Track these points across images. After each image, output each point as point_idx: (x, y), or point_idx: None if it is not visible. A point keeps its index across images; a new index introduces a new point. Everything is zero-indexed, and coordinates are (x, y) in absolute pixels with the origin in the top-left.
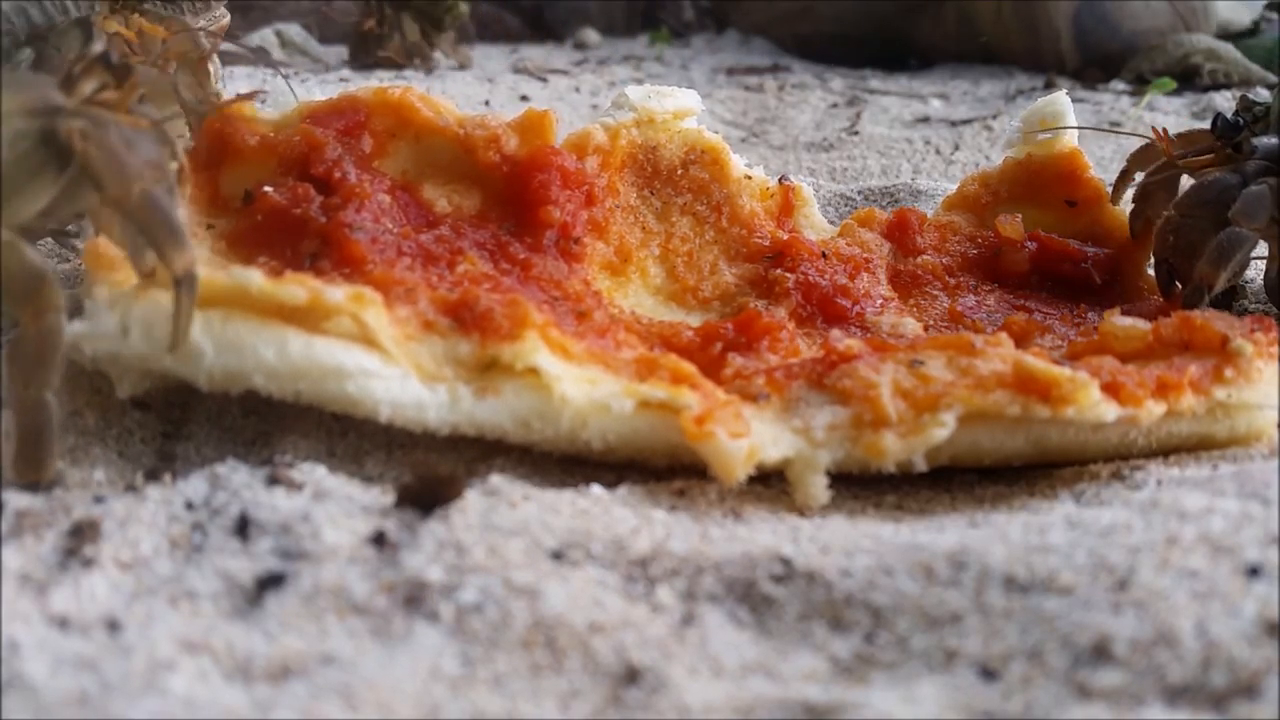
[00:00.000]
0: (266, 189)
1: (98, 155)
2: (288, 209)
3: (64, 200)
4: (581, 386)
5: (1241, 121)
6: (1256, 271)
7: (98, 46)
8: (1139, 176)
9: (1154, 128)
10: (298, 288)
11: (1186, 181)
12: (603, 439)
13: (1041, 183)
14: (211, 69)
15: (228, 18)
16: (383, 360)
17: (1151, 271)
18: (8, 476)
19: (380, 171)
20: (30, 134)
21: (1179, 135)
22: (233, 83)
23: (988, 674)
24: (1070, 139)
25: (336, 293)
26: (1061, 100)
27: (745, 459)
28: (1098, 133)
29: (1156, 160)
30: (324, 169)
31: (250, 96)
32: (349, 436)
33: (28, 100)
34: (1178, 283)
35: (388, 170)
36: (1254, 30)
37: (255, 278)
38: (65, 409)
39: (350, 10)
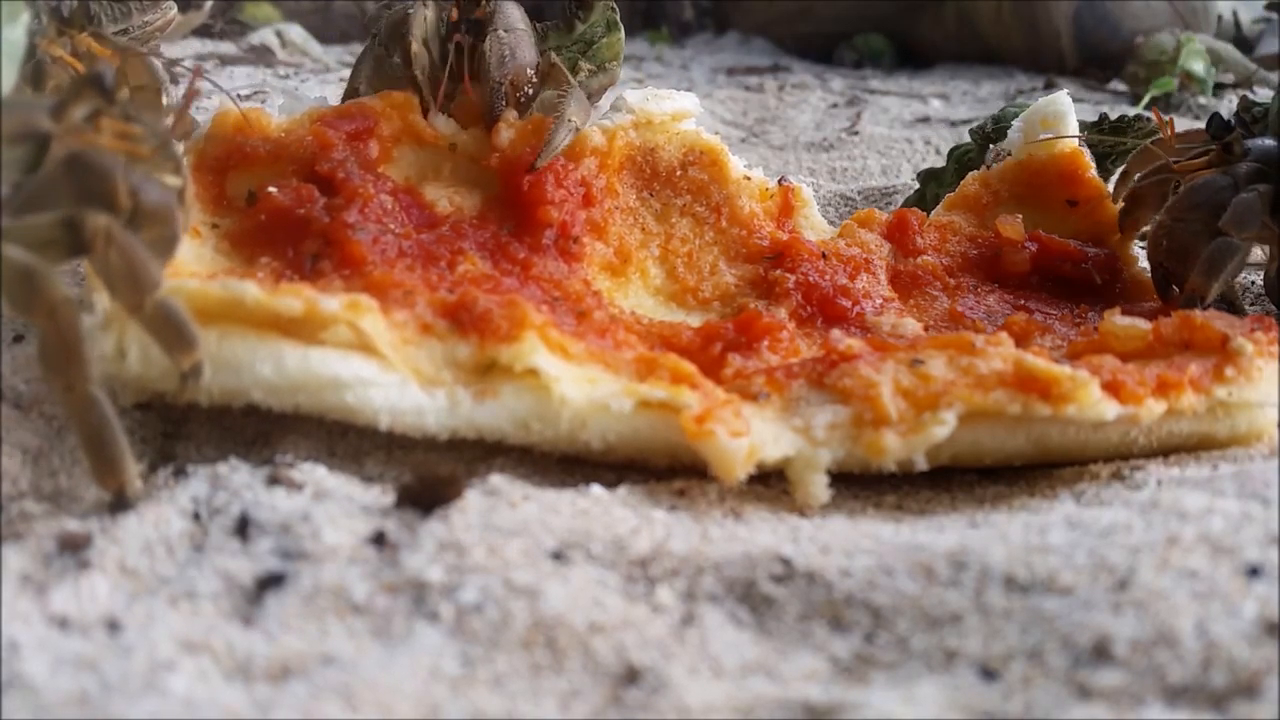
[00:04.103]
0: (271, 189)
1: (117, 263)
2: (291, 209)
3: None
4: (581, 386)
5: (1233, 122)
6: (1255, 274)
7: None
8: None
9: (1155, 110)
10: (293, 299)
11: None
12: (602, 439)
13: (1042, 183)
14: (165, 103)
15: (174, 10)
16: (380, 367)
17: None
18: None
19: (384, 175)
20: (18, 161)
21: (1176, 135)
22: (232, 83)
23: (988, 674)
24: (1071, 139)
25: (332, 302)
26: (1063, 100)
27: (745, 458)
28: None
29: (1157, 161)
30: (329, 168)
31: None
32: (349, 436)
33: (15, 125)
34: (1175, 286)
35: (392, 175)
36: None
37: (250, 290)
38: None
39: (351, 10)
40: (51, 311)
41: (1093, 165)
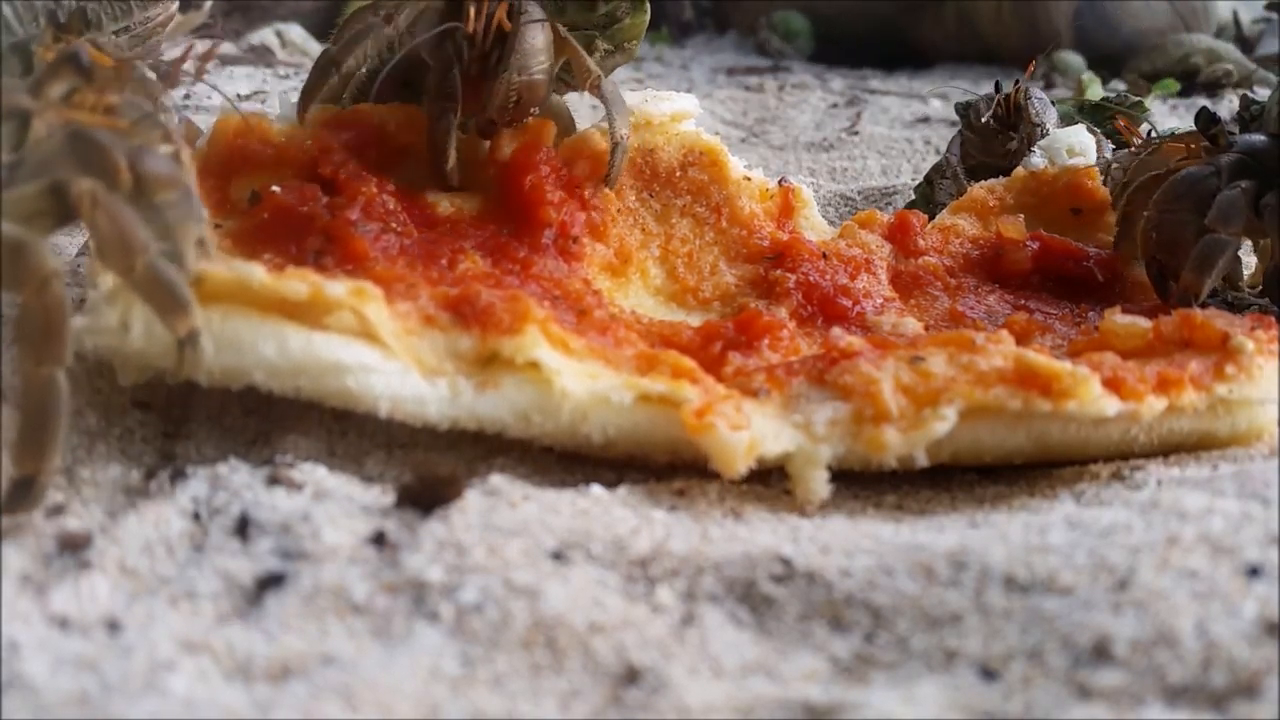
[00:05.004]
0: (274, 189)
1: (105, 225)
2: (294, 207)
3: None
4: (582, 380)
5: (1217, 115)
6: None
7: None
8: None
9: (1125, 122)
10: (299, 282)
11: None
12: (603, 432)
13: (1049, 192)
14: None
15: (175, 6)
16: (383, 355)
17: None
18: (5, 465)
19: (385, 177)
20: (3, 141)
21: (1174, 136)
22: (232, 83)
23: (988, 674)
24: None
25: (338, 287)
26: (1085, 135)
27: (746, 451)
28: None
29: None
30: (331, 169)
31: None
32: (349, 436)
33: None
34: (1172, 280)
35: (392, 178)
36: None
37: (257, 272)
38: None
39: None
40: (42, 285)
41: (1100, 176)
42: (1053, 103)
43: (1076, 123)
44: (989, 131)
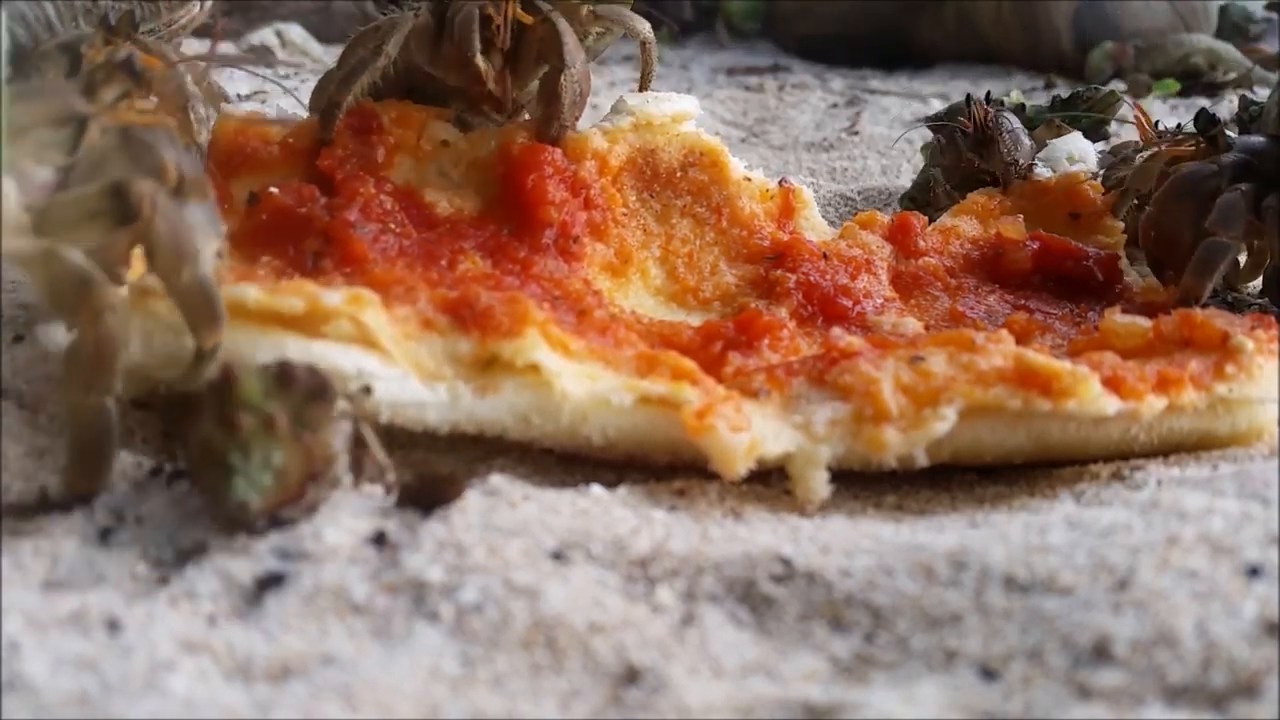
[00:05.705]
0: (272, 189)
1: (163, 229)
2: (292, 208)
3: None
4: (582, 382)
5: (1216, 116)
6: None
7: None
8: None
9: (1136, 106)
10: (294, 298)
11: None
12: (603, 434)
13: (1048, 200)
14: (193, 116)
15: (199, 8)
16: (382, 361)
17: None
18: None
19: (385, 177)
20: (60, 144)
21: (1173, 140)
22: (233, 84)
23: (988, 674)
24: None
25: (334, 296)
26: (1083, 142)
27: (746, 452)
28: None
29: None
30: (330, 164)
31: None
32: None
33: (51, 109)
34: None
35: (392, 179)
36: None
37: (251, 293)
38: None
39: (351, 10)
40: (97, 317)
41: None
42: (1025, 106)
43: (1051, 120)
44: (964, 159)
